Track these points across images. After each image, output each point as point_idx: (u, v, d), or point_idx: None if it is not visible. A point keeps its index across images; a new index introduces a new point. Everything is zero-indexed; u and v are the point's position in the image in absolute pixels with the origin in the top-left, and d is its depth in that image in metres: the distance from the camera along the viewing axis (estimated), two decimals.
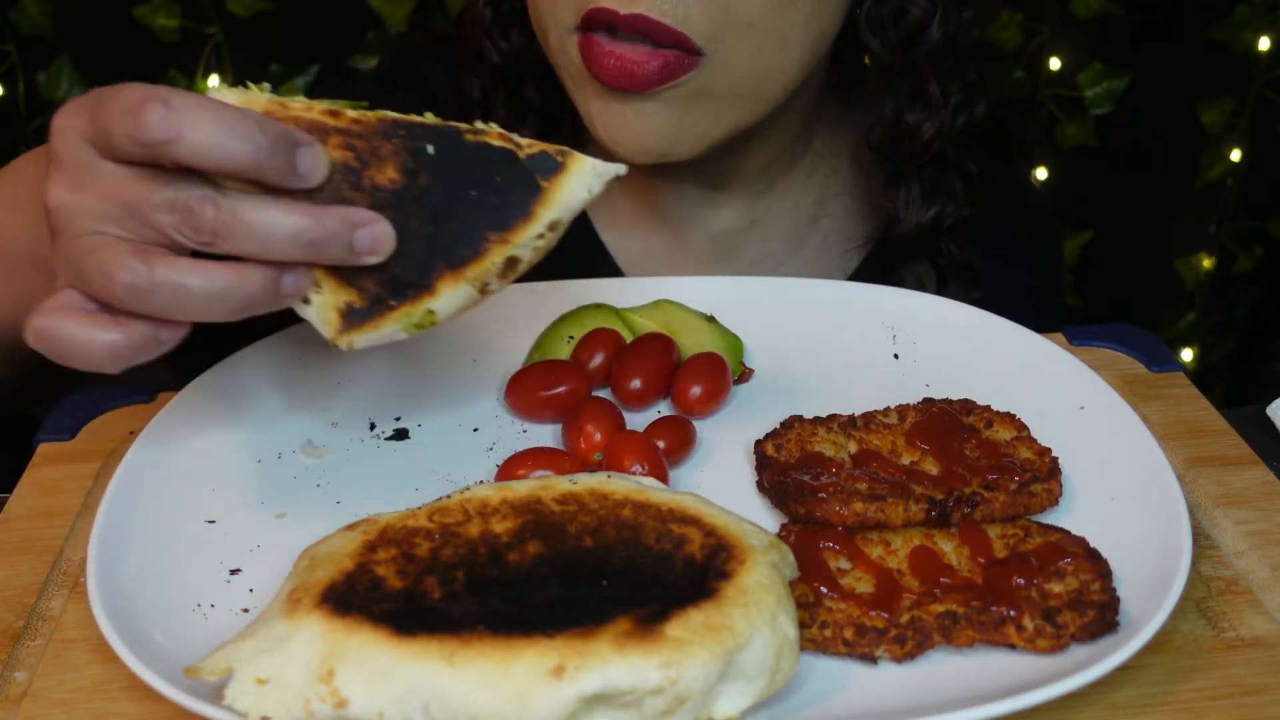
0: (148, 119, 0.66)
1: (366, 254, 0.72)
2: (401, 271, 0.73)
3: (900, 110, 1.13)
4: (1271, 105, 2.26)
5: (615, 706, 0.61)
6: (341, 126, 0.72)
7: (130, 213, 0.69)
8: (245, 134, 0.68)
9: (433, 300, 0.73)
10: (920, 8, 1.09)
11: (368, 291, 0.73)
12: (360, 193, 0.72)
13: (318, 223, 0.70)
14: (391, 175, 0.73)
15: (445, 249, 0.73)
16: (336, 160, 0.72)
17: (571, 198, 0.74)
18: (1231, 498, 0.86)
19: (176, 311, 0.70)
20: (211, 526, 0.81)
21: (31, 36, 2.02)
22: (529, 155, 0.73)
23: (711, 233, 1.23)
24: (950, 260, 1.20)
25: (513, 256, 0.73)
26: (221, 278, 0.69)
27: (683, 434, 0.88)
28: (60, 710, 0.70)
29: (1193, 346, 2.48)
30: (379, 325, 0.74)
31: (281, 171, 0.70)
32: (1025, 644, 0.70)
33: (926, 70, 1.12)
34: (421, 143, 0.73)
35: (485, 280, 0.74)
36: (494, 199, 0.73)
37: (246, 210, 0.69)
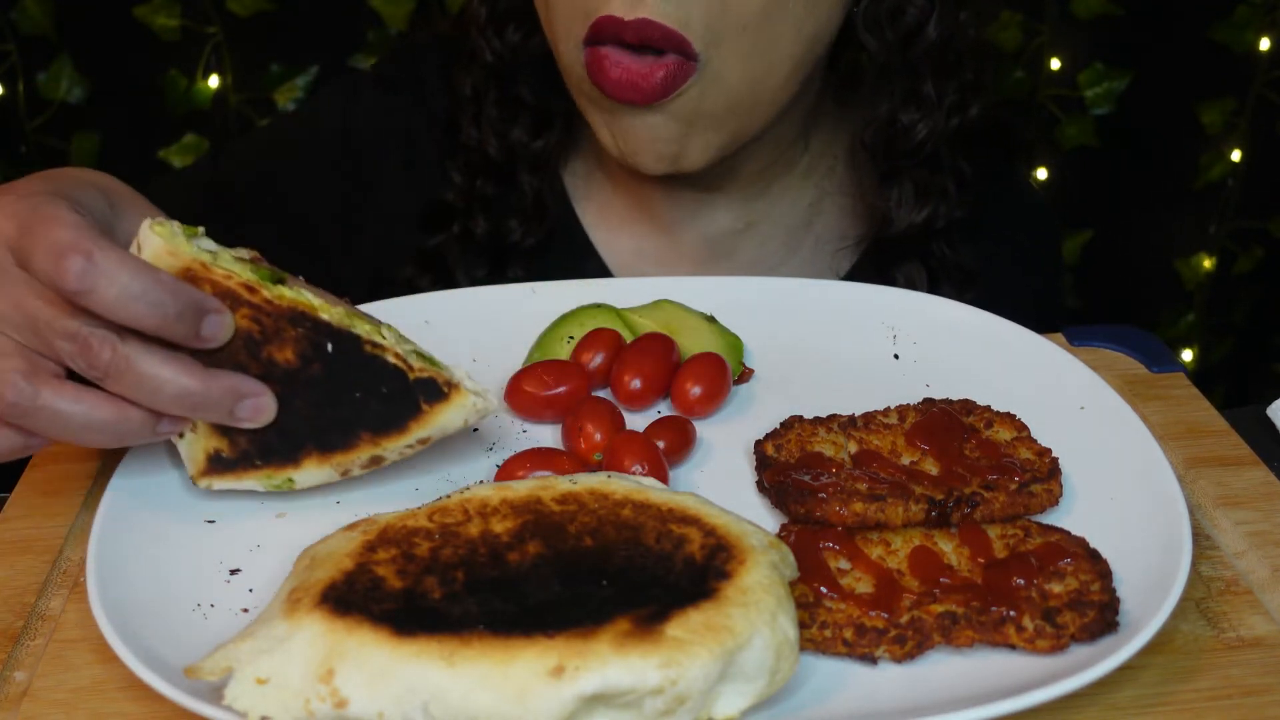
0: (68, 268, 0.69)
1: (246, 421, 0.77)
2: (274, 440, 0.79)
3: (895, 110, 1.14)
4: (1271, 106, 2.27)
5: (615, 706, 0.61)
6: (254, 302, 0.76)
7: (32, 327, 0.72)
8: (155, 301, 0.71)
9: (295, 471, 0.80)
10: (917, 7, 1.09)
11: (238, 446, 0.79)
12: (255, 362, 0.77)
13: (204, 388, 0.74)
14: (288, 356, 0.77)
15: (319, 433, 0.79)
16: (241, 329, 0.76)
17: (447, 424, 0.79)
18: (1231, 498, 0.86)
19: (53, 433, 0.74)
20: (211, 526, 0.81)
21: (32, 36, 2.02)
22: (417, 379, 0.78)
23: (705, 235, 1.23)
24: (943, 261, 1.20)
25: (378, 455, 0.80)
26: (101, 412, 0.73)
27: (683, 434, 0.88)
28: (60, 710, 0.70)
29: (1193, 347, 2.48)
30: (240, 477, 0.80)
31: (185, 335, 0.73)
32: (1025, 644, 0.70)
33: (923, 70, 1.12)
34: (324, 339, 0.77)
35: (347, 468, 0.80)
36: (376, 405, 0.78)
37: (141, 362, 0.72)
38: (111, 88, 2.08)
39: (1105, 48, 2.22)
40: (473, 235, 1.21)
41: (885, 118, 1.14)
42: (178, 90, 2.09)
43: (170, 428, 0.77)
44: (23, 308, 0.72)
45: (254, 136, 1.50)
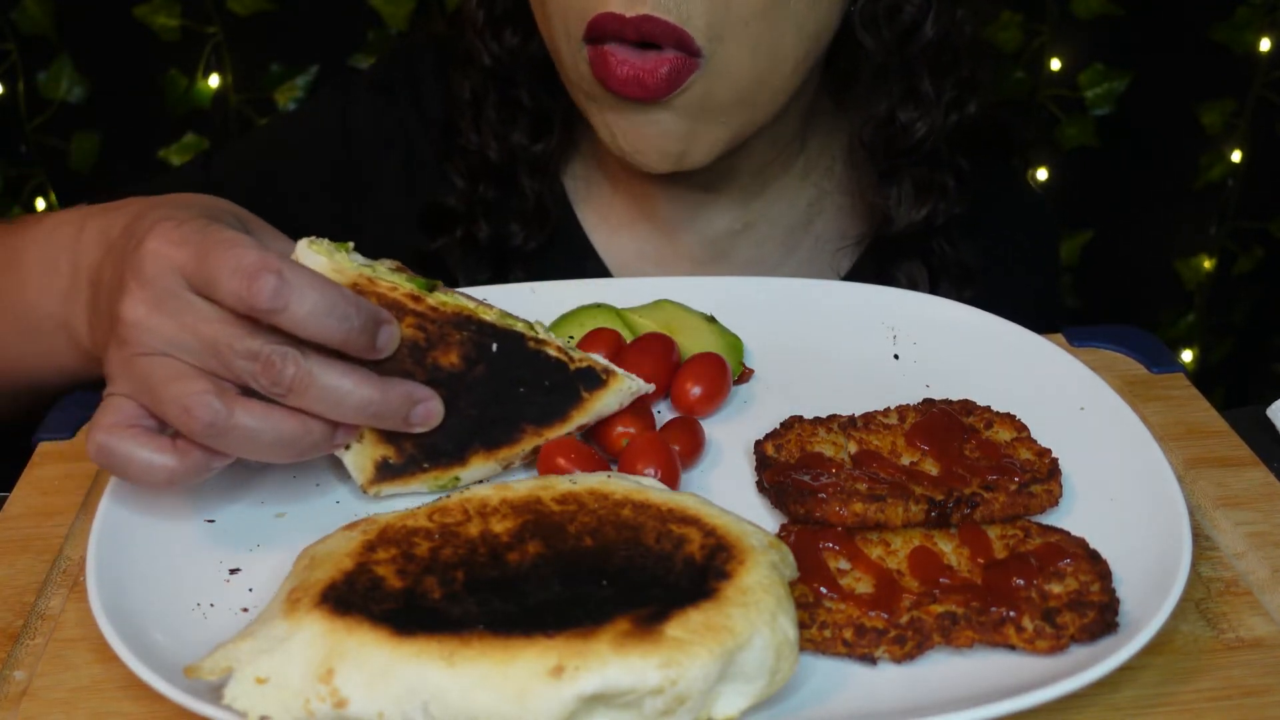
0: (263, 288, 0.71)
1: (418, 426, 0.79)
2: (441, 441, 0.81)
3: (893, 108, 1.14)
4: (1272, 106, 2.27)
5: (615, 706, 0.61)
6: (420, 310, 0.80)
7: (211, 350, 0.74)
8: (344, 315, 0.74)
9: (462, 470, 0.82)
10: (914, 5, 1.09)
11: (405, 451, 0.81)
12: (420, 368, 0.80)
13: (383, 397, 0.77)
14: (453, 360, 0.80)
15: (484, 431, 0.82)
16: (407, 337, 0.79)
17: (604, 408, 0.84)
18: (1231, 499, 0.86)
19: (242, 451, 0.75)
20: (211, 526, 0.81)
21: (32, 35, 2.02)
22: (578, 369, 0.83)
23: (704, 236, 1.23)
24: (943, 258, 1.20)
25: (540, 447, 0.83)
26: (288, 427, 0.75)
27: (693, 436, 0.88)
28: (59, 709, 0.70)
29: (1193, 347, 2.48)
30: (408, 482, 0.82)
31: (363, 347, 0.76)
32: (1025, 645, 0.70)
33: (920, 68, 1.12)
34: (489, 340, 0.81)
35: (510, 460, 0.83)
36: (539, 398, 0.82)
37: (323, 375, 0.74)
38: (112, 87, 2.08)
39: (1105, 48, 2.22)
40: (475, 240, 1.21)
41: (884, 116, 1.14)
42: (178, 90, 2.09)
43: (345, 437, 0.78)
44: (200, 332, 0.73)
45: (249, 139, 1.50)
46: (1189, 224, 2.39)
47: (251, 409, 0.73)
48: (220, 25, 2.06)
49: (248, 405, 0.73)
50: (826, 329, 1.01)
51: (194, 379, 0.73)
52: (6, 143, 2.09)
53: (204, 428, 0.72)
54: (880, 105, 1.14)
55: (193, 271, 0.74)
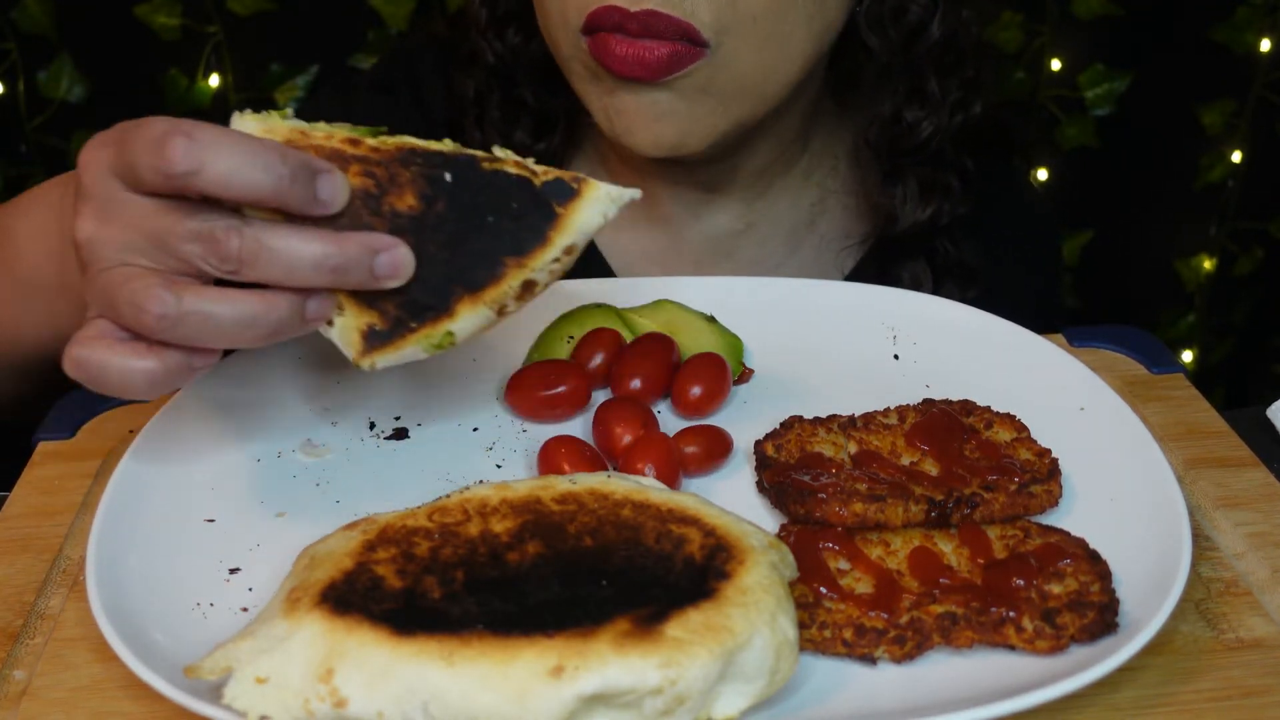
0: (172, 152, 0.68)
1: (387, 278, 0.74)
2: (421, 295, 0.75)
3: (899, 108, 1.14)
4: (1272, 107, 2.26)
5: (615, 707, 0.61)
6: (360, 154, 0.74)
7: (157, 244, 0.71)
8: (267, 164, 0.69)
9: (451, 322, 0.75)
10: (920, 5, 1.09)
11: (389, 314, 0.75)
12: (379, 219, 0.74)
13: (339, 249, 0.72)
14: (410, 202, 0.74)
15: (463, 273, 0.75)
16: (356, 187, 0.74)
17: (587, 223, 0.76)
18: (1231, 499, 0.86)
19: (207, 339, 0.72)
20: (211, 525, 0.81)
21: (32, 35, 2.02)
22: (545, 183, 0.75)
23: (707, 235, 1.23)
24: (946, 259, 1.20)
25: (529, 280, 0.75)
26: (248, 305, 0.71)
27: (722, 444, 0.87)
28: (59, 709, 0.70)
29: (1193, 348, 2.48)
30: (400, 346, 0.76)
31: (303, 200, 0.71)
32: (1025, 645, 0.70)
33: (925, 68, 1.12)
34: (439, 170, 0.75)
35: (503, 303, 0.76)
36: (510, 225, 0.75)
37: (270, 238, 0.71)
38: (112, 87, 2.08)
39: (1106, 48, 2.22)
40: None
41: (889, 116, 1.14)
42: (178, 90, 2.09)
43: (318, 308, 0.74)
44: (141, 228, 0.71)
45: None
46: (1189, 224, 2.38)
47: (205, 293, 0.70)
48: (220, 25, 2.05)
49: (201, 290, 0.71)
50: (826, 329, 1.01)
51: (144, 277, 0.71)
52: (6, 142, 2.09)
53: (156, 320, 0.70)
54: (885, 105, 1.14)
55: (119, 167, 0.71)
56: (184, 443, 0.87)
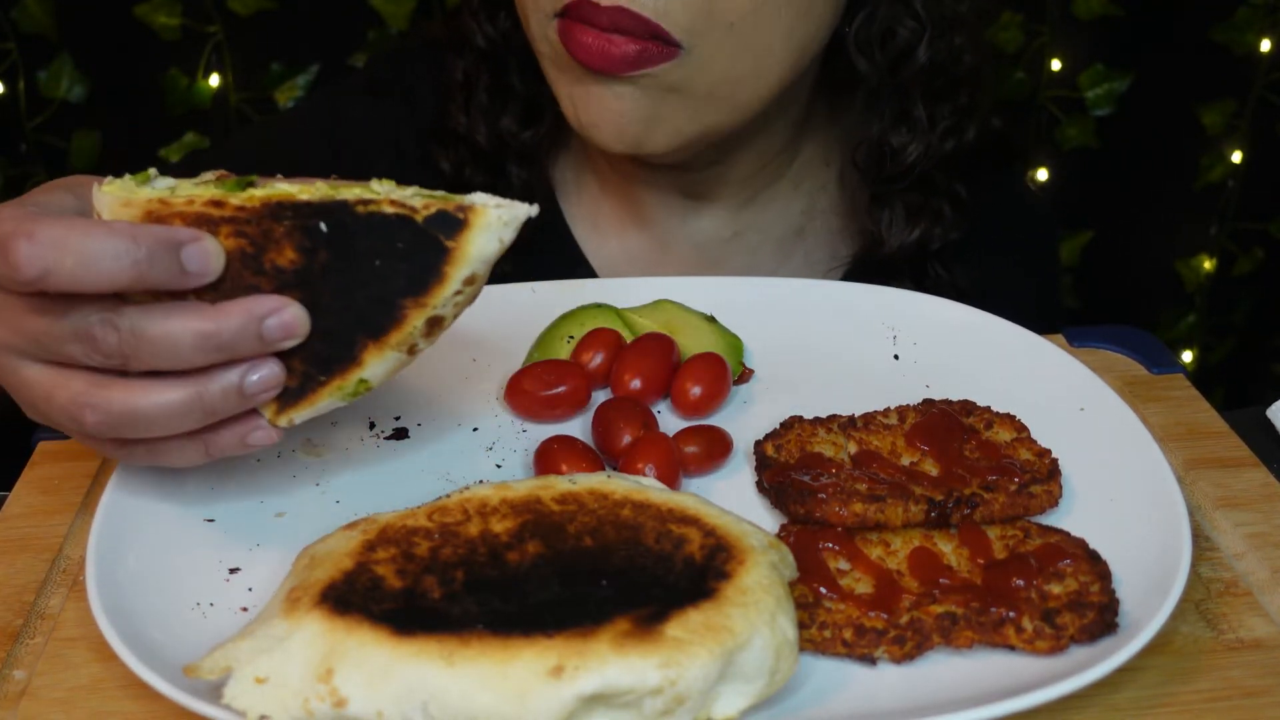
0: (15, 257, 0.65)
1: (280, 340, 0.70)
2: (324, 348, 0.73)
3: (885, 132, 1.12)
4: (1272, 107, 2.26)
5: (614, 706, 0.61)
6: (228, 215, 0.70)
7: (40, 346, 0.70)
8: (117, 251, 0.66)
9: (361, 370, 0.73)
10: (908, 29, 1.08)
11: (296, 371, 0.73)
12: (264, 277, 0.71)
13: (219, 324, 0.69)
14: (290, 256, 0.71)
15: (363, 321, 0.72)
16: (231, 249, 0.70)
17: (482, 251, 0.72)
18: (1231, 500, 0.86)
19: (153, 432, 0.71)
20: (210, 525, 0.81)
21: (32, 34, 2.02)
22: (427, 218, 0.70)
23: (695, 243, 1.22)
24: (937, 282, 1.19)
25: (433, 317, 0.72)
26: (174, 392, 0.69)
27: (723, 444, 0.87)
28: (59, 709, 0.70)
29: (1193, 348, 2.48)
30: (314, 401, 0.74)
31: (169, 276, 0.68)
32: (1024, 645, 0.70)
33: (913, 92, 1.11)
34: (313, 221, 0.71)
35: (411, 343, 0.73)
36: (402, 265, 0.71)
37: (146, 325, 0.68)
38: (112, 87, 2.08)
39: (1106, 49, 2.22)
40: None
41: (876, 139, 1.13)
42: (178, 89, 2.09)
43: (259, 387, 0.71)
44: (22, 330, 0.70)
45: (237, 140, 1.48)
46: (1189, 225, 2.38)
47: (130, 388, 0.69)
48: (221, 24, 2.05)
49: (126, 386, 0.69)
50: (826, 329, 1.01)
51: (61, 382, 0.70)
52: (6, 142, 2.09)
53: (95, 427, 0.69)
54: (872, 128, 1.13)
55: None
56: None
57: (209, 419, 0.71)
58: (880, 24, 1.07)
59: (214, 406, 0.71)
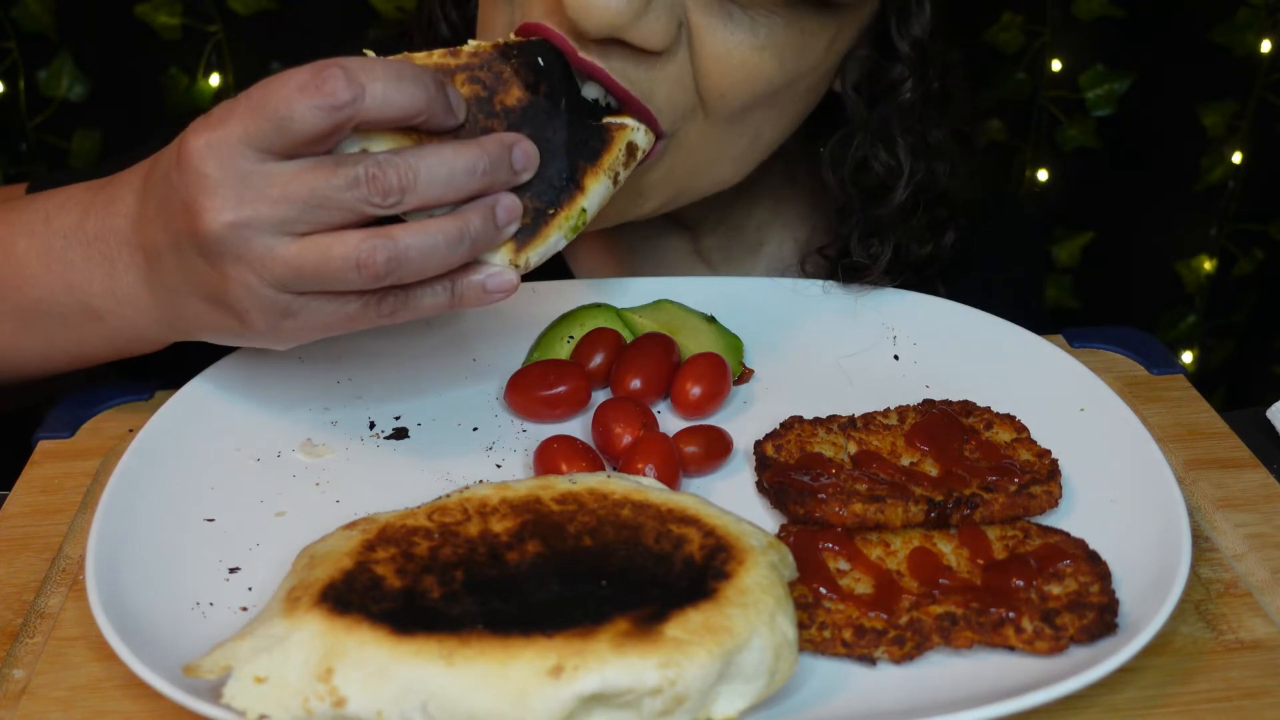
0: (332, 84, 0.70)
1: (523, 171, 0.77)
2: (555, 177, 0.79)
3: (852, 238, 1.05)
4: (1273, 108, 2.26)
5: (614, 707, 0.61)
6: (462, 63, 0.78)
7: (317, 203, 0.72)
8: (416, 77, 0.72)
9: (584, 198, 0.80)
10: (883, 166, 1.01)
11: (528, 210, 0.79)
12: (495, 119, 0.78)
13: (483, 151, 0.75)
14: (518, 95, 0.79)
15: (580, 147, 0.80)
16: (467, 95, 0.77)
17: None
18: (1231, 500, 0.86)
19: (426, 272, 0.74)
20: (210, 525, 0.81)
21: (32, 33, 2.02)
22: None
23: (658, 263, 1.19)
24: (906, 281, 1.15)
25: (631, 142, 0.82)
26: (446, 226, 0.74)
27: (722, 444, 0.87)
28: (58, 708, 0.70)
29: (1193, 349, 2.48)
30: (546, 236, 0.79)
31: (444, 114, 0.75)
32: (1024, 646, 0.70)
33: (885, 220, 1.04)
34: (534, 57, 0.79)
35: (616, 170, 0.82)
36: (600, 92, 0.81)
37: (421, 161, 0.73)
38: (112, 86, 2.08)
39: (1106, 49, 2.22)
40: None
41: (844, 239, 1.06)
42: (179, 89, 2.09)
43: (507, 216, 0.77)
44: (294, 195, 0.71)
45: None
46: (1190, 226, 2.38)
47: (408, 229, 0.73)
48: (221, 24, 2.05)
49: (403, 229, 0.73)
50: (826, 329, 1.01)
51: (336, 239, 0.72)
52: (7, 141, 2.09)
53: (385, 266, 0.72)
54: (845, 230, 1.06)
55: (255, 134, 0.71)
56: (184, 442, 0.87)
57: (472, 253, 0.75)
58: (855, 154, 1.01)
59: (477, 236, 0.75)
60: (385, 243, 0.72)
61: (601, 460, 0.86)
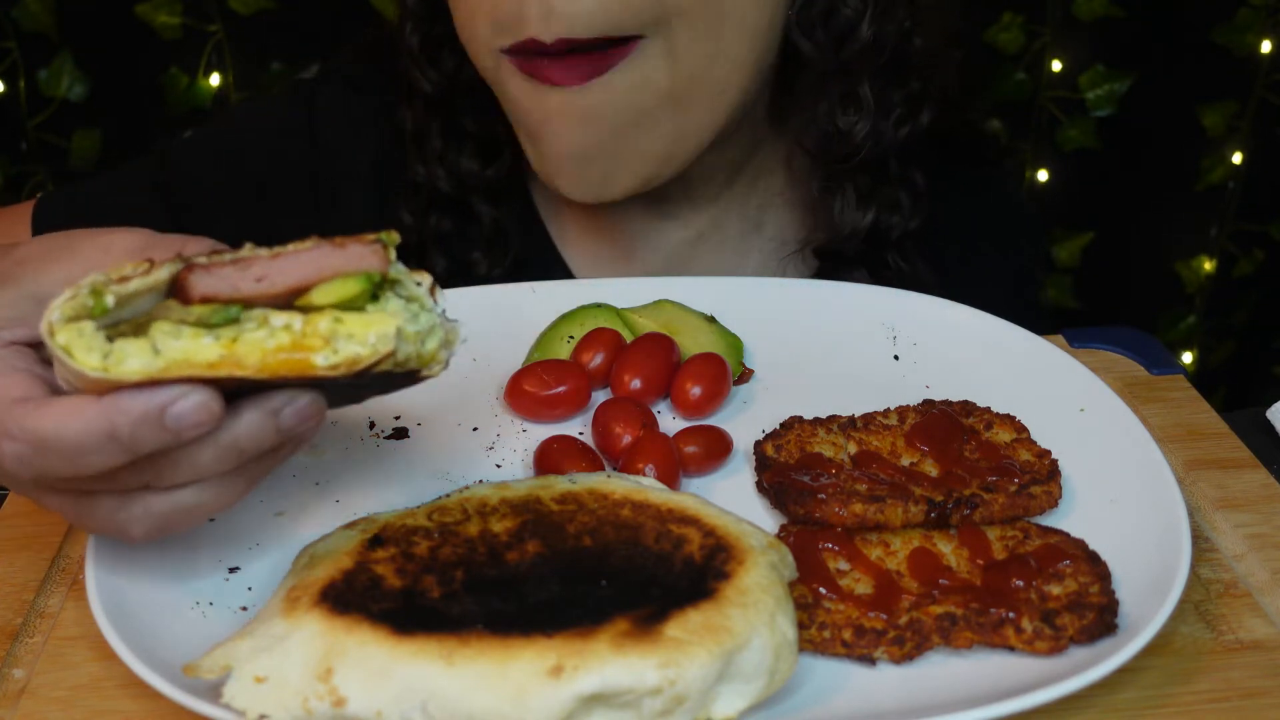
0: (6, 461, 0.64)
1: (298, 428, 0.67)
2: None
3: (832, 113, 1.11)
4: (1273, 108, 2.27)
5: (613, 706, 0.61)
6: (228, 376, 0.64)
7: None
8: (100, 445, 0.62)
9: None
10: (850, 7, 1.07)
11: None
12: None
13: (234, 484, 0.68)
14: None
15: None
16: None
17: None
18: (1231, 501, 0.86)
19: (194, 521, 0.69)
20: (210, 524, 0.81)
21: (33, 33, 2.02)
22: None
23: (660, 250, 1.21)
24: (898, 272, 1.18)
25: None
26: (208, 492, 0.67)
27: (723, 444, 0.87)
28: (58, 708, 0.70)
29: (1193, 349, 2.48)
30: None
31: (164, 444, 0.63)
32: (1024, 646, 0.70)
33: (857, 71, 1.10)
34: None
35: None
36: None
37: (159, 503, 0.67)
38: (112, 86, 2.08)
39: (1107, 50, 2.22)
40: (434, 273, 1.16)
41: (824, 121, 1.12)
42: (179, 88, 2.09)
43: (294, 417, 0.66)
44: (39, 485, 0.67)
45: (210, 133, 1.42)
46: (1190, 226, 2.39)
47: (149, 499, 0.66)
48: (221, 24, 2.06)
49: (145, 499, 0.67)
50: (826, 329, 1.01)
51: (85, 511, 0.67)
52: (7, 140, 2.09)
53: (144, 538, 0.68)
54: (820, 111, 1.12)
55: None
56: None
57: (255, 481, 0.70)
58: (821, 3, 1.07)
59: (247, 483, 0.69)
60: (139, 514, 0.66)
61: (601, 460, 0.86)
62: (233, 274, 0.65)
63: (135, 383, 0.62)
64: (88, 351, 0.62)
